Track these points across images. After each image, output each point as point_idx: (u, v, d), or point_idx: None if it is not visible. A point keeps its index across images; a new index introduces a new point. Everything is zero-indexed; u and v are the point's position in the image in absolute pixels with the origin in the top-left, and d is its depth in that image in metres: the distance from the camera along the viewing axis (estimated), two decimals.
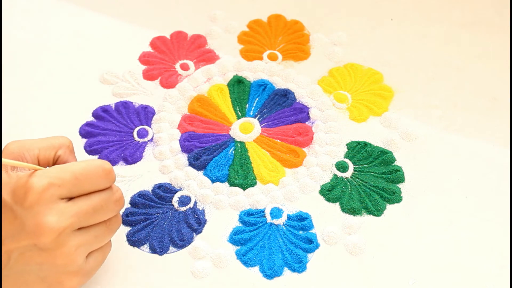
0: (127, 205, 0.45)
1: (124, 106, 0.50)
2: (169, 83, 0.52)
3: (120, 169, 0.47)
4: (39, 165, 0.37)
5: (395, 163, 0.47)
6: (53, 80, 0.53)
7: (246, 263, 0.42)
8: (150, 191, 0.45)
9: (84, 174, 0.35)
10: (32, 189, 0.33)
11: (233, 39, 0.56)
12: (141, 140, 0.49)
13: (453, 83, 0.53)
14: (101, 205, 0.35)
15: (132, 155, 0.47)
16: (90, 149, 0.48)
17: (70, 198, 0.34)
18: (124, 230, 0.43)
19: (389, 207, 0.45)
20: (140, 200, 0.45)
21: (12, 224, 0.33)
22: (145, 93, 0.52)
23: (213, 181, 0.46)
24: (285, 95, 0.51)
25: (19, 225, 0.33)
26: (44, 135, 0.48)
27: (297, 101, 0.51)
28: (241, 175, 0.46)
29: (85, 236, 0.35)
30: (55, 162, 0.38)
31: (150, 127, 0.50)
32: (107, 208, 0.36)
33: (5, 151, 0.36)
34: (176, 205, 0.45)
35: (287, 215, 0.44)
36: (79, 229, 0.35)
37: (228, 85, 0.52)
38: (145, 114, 0.50)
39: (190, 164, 0.47)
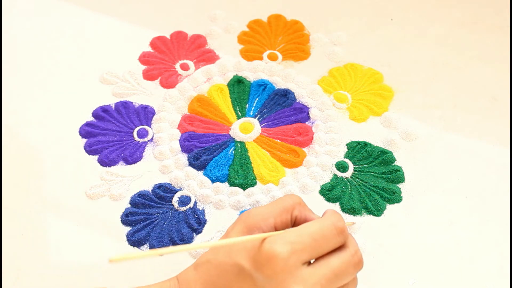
0: (127, 205, 0.45)
1: (124, 106, 0.50)
2: (169, 83, 0.52)
3: (120, 169, 0.47)
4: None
5: (395, 163, 0.47)
6: (53, 80, 0.53)
7: None
8: (150, 191, 0.46)
9: (320, 235, 0.33)
10: (276, 257, 0.31)
11: (233, 39, 0.56)
12: (141, 140, 0.49)
13: (453, 83, 0.53)
14: (341, 270, 0.33)
15: (132, 155, 0.47)
16: (90, 149, 0.48)
17: (309, 262, 0.33)
18: (124, 230, 0.43)
19: (389, 207, 0.45)
20: (140, 200, 0.45)
21: None
22: (145, 93, 0.52)
23: (213, 181, 0.46)
24: (285, 95, 0.51)
25: None
26: (44, 135, 0.48)
27: (297, 101, 0.51)
28: (241, 175, 0.46)
29: None
30: (293, 224, 0.36)
31: (150, 127, 0.50)
32: (347, 272, 0.33)
33: (240, 223, 0.35)
34: (176, 205, 0.45)
35: None
36: None
37: (228, 85, 0.52)
38: (145, 114, 0.50)
39: (190, 164, 0.47)
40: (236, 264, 0.33)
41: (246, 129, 0.49)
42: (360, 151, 0.48)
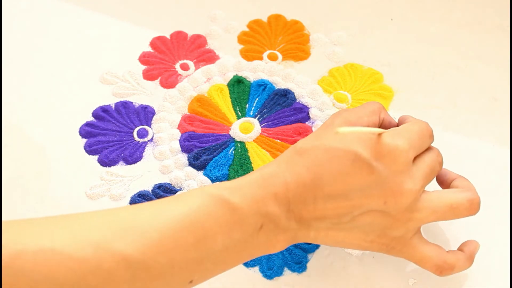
0: (127, 205, 0.45)
1: (124, 106, 0.50)
2: (169, 83, 0.52)
3: (120, 169, 0.47)
4: None
5: None
6: (53, 80, 0.53)
7: (246, 263, 0.42)
8: (150, 191, 0.45)
9: (422, 134, 0.37)
10: (398, 149, 0.34)
11: (233, 39, 0.56)
12: (141, 140, 0.49)
13: (453, 83, 0.53)
14: (433, 166, 0.37)
15: (132, 155, 0.47)
16: (90, 149, 0.48)
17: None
18: None
19: None
20: (140, 200, 0.45)
21: (364, 178, 0.34)
22: (145, 93, 0.52)
23: (213, 181, 0.46)
24: (285, 95, 0.51)
25: (376, 181, 0.34)
26: (44, 135, 0.48)
27: (297, 101, 0.51)
28: (241, 175, 0.46)
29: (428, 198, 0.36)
30: (380, 126, 0.39)
31: (150, 127, 0.50)
32: (436, 169, 0.38)
33: (339, 118, 0.37)
34: None
35: None
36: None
37: (228, 85, 0.52)
38: (145, 114, 0.50)
39: (190, 164, 0.47)
40: (352, 152, 0.34)
41: (246, 129, 0.49)
42: None
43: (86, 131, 0.49)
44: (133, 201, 0.45)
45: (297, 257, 0.42)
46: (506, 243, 0.43)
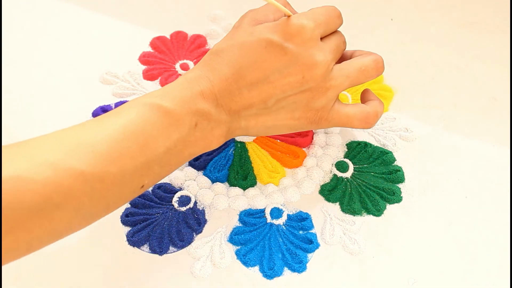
0: (127, 205, 0.45)
1: None
2: (169, 83, 0.52)
3: None
4: None
5: (395, 163, 0.47)
6: (53, 80, 0.53)
7: (246, 263, 0.42)
8: (150, 191, 0.46)
9: (329, 15, 0.39)
10: (305, 27, 0.37)
11: None
12: None
13: (453, 83, 0.53)
14: (339, 44, 0.40)
15: None
16: None
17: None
18: (124, 230, 0.43)
19: (389, 207, 0.45)
20: (140, 200, 0.45)
21: (279, 60, 0.37)
22: (145, 93, 0.52)
23: (213, 181, 0.46)
24: None
25: (290, 59, 0.37)
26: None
27: None
28: (241, 175, 0.46)
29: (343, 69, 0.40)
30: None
31: None
32: (341, 47, 0.41)
33: (247, 18, 0.41)
34: (176, 205, 0.45)
35: (287, 215, 0.44)
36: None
37: None
38: None
39: (190, 164, 0.47)
40: (263, 39, 0.37)
41: None
42: (360, 151, 0.48)
43: None
44: (133, 201, 0.45)
45: (297, 257, 0.42)
46: (506, 243, 0.43)
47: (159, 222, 0.44)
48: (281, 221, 0.44)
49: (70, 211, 0.31)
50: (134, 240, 0.43)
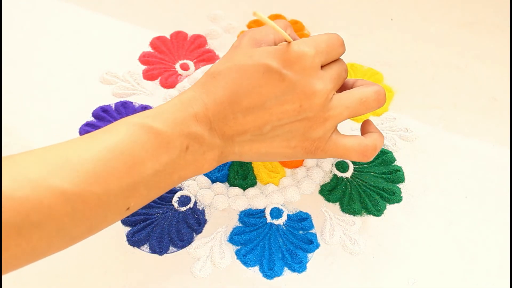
0: None
1: (124, 106, 0.50)
2: (169, 83, 0.52)
3: None
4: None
5: (395, 163, 0.47)
6: (53, 80, 0.53)
7: (246, 263, 0.42)
8: None
9: (331, 43, 0.38)
10: (305, 54, 0.36)
11: (233, 39, 0.56)
12: None
13: (453, 83, 0.53)
14: (340, 73, 0.39)
15: None
16: None
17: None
18: (124, 230, 0.43)
19: (389, 207, 0.45)
20: None
21: (277, 86, 0.36)
22: (145, 93, 0.52)
23: (213, 181, 0.46)
24: None
25: (288, 87, 0.36)
26: (44, 135, 0.48)
27: None
28: (241, 175, 0.46)
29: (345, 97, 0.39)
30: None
31: None
32: (342, 76, 0.40)
33: (246, 38, 0.40)
34: (176, 205, 0.45)
35: (287, 215, 0.44)
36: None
37: None
38: None
39: None
40: (262, 64, 0.36)
41: None
42: None
43: (86, 131, 0.49)
44: None
45: (297, 257, 0.42)
46: (506, 243, 0.43)
47: (159, 222, 0.44)
48: (281, 221, 0.44)
49: (50, 231, 0.30)
50: (134, 240, 0.43)
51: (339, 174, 0.47)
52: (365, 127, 0.42)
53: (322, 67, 0.38)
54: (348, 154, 0.39)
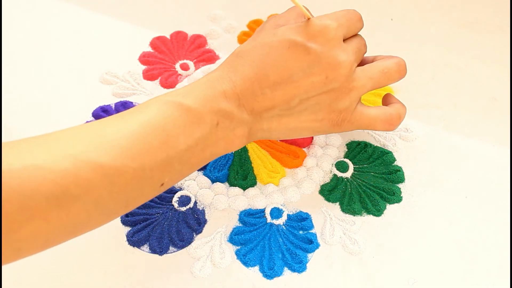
0: None
1: (124, 106, 0.50)
2: (169, 83, 0.52)
3: None
4: None
5: (395, 163, 0.47)
6: (53, 80, 0.53)
7: (246, 263, 0.42)
8: None
9: (350, 18, 0.40)
10: (328, 27, 0.38)
11: (233, 39, 0.56)
12: None
13: (453, 83, 0.53)
14: (360, 47, 0.40)
15: None
16: None
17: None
18: (124, 230, 0.43)
19: (389, 207, 0.45)
20: None
21: (303, 59, 0.37)
22: (145, 93, 0.52)
23: (213, 181, 0.46)
24: None
25: (313, 59, 0.37)
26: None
27: None
28: (241, 175, 0.46)
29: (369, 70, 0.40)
30: None
31: None
32: (362, 50, 0.41)
33: (269, 23, 0.41)
34: (176, 205, 0.45)
35: (287, 215, 0.44)
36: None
37: None
38: None
39: None
40: (286, 40, 0.37)
41: None
42: (360, 151, 0.48)
43: None
44: None
45: (297, 257, 0.42)
46: (506, 243, 0.43)
47: (159, 222, 0.44)
48: (281, 221, 0.44)
49: (89, 204, 0.31)
50: (134, 240, 0.43)
51: (339, 174, 0.47)
52: (387, 99, 0.43)
53: (343, 40, 0.39)
54: (374, 124, 0.41)
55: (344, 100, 0.39)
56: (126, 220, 0.44)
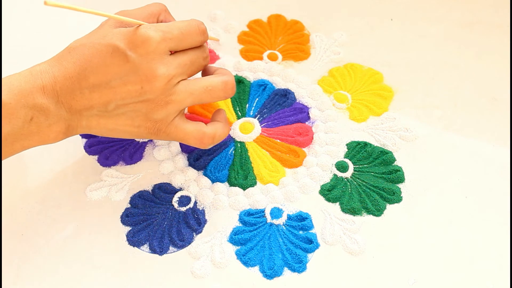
0: (127, 205, 0.45)
1: None
2: None
3: (120, 169, 0.47)
4: None
5: (395, 163, 0.47)
6: None
7: (246, 263, 0.42)
8: (150, 191, 0.46)
9: (187, 30, 0.39)
10: (150, 39, 0.38)
11: (233, 39, 0.56)
12: (141, 140, 0.49)
13: (453, 83, 0.53)
14: (195, 60, 0.40)
15: (132, 155, 0.47)
16: (90, 149, 0.48)
17: (171, 53, 0.39)
18: (124, 230, 0.43)
19: (389, 207, 0.45)
20: (140, 200, 0.45)
21: (122, 67, 0.38)
22: None
23: (213, 181, 0.46)
24: (285, 95, 0.51)
25: (131, 68, 0.38)
26: None
27: (297, 101, 0.51)
28: (241, 175, 0.46)
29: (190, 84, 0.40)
30: None
31: None
32: (198, 63, 0.41)
33: (112, 20, 0.41)
34: (176, 205, 0.45)
35: (287, 215, 0.44)
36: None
37: None
38: None
39: (190, 165, 0.47)
40: (111, 45, 0.38)
41: (246, 129, 0.49)
42: (360, 151, 0.48)
43: None
44: (133, 201, 0.45)
45: (297, 257, 0.42)
46: (506, 243, 0.43)
47: (159, 222, 0.44)
48: (281, 221, 0.44)
49: None
50: (134, 240, 0.43)
51: (339, 174, 0.47)
52: (214, 116, 0.44)
53: (175, 52, 0.39)
54: (187, 139, 0.41)
55: (160, 112, 0.39)
56: (126, 220, 0.44)
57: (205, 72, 0.43)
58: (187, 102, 0.40)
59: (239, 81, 0.52)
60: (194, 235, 0.43)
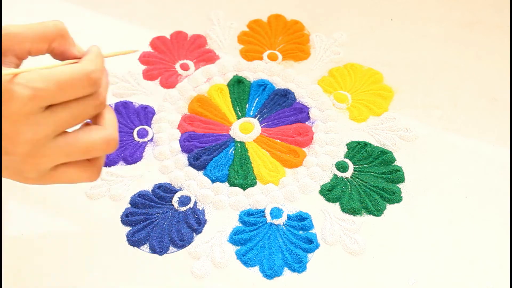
0: (127, 205, 0.45)
1: (124, 106, 0.50)
2: (169, 83, 0.52)
3: (120, 169, 0.47)
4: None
5: (395, 163, 0.47)
6: None
7: (246, 263, 0.42)
8: (150, 191, 0.46)
9: (69, 84, 0.33)
10: (14, 99, 0.32)
11: (233, 39, 0.56)
12: (141, 140, 0.49)
13: (453, 83, 0.53)
14: (80, 113, 0.34)
15: (132, 155, 0.47)
16: None
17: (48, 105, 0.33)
18: (124, 230, 0.43)
19: (389, 207, 0.45)
20: (140, 200, 0.45)
21: None
22: (145, 93, 0.52)
23: (213, 181, 0.46)
24: (285, 95, 0.51)
25: None
26: None
27: (297, 101, 0.51)
28: (241, 175, 0.46)
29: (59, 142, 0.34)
30: (51, 53, 0.36)
31: (150, 127, 0.50)
32: (84, 114, 0.35)
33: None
34: (176, 205, 0.45)
35: (287, 215, 0.44)
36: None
37: (228, 85, 0.52)
38: (145, 114, 0.50)
39: (190, 164, 0.47)
40: None
41: (246, 129, 0.49)
42: (360, 151, 0.48)
43: None
44: (133, 201, 0.45)
45: (297, 257, 0.42)
46: (506, 243, 0.43)
47: (159, 222, 0.44)
48: (281, 221, 0.44)
49: None
50: (134, 240, 0.43)
51: (339, 174, 0.47)
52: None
53: (56, 105, 0.33)
54: (75, 180, 0.36)
55: (31, 172, 0.35)
56: (126, 220, 0.44)
57: (94, 120, 0.37)
58: (62, 161, 0.35)
59: (239, 81, 0.52)
60: (194, 235, 0.43)
